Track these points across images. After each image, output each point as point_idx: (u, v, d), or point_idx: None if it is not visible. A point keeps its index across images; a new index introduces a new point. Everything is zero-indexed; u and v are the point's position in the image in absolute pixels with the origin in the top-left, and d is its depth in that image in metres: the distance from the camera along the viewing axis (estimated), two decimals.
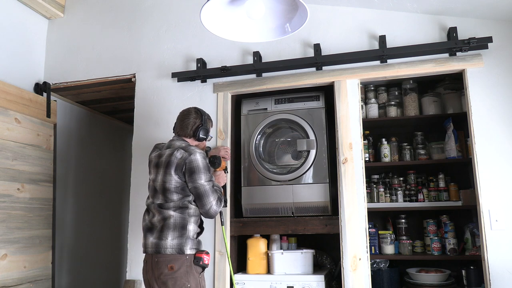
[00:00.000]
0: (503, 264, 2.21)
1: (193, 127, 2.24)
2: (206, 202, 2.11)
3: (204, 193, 2.11)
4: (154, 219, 2.14)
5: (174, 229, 2.07)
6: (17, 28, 3.01)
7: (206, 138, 2.28)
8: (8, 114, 2.79)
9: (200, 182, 2.10)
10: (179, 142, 2.21)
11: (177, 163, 2.10)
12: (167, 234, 2.06)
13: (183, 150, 2.13)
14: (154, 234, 2.10)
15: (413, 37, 2.53)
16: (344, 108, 2.56)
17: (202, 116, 2.26)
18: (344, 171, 2.49)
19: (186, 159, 2.09)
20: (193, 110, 2.29)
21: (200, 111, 2.28)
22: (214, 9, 1.63)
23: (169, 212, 2.10)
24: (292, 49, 2.72)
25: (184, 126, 2.25)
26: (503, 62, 2.40)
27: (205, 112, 2.32)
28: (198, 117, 2.25)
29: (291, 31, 1.73)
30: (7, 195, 2.73)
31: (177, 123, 2.30)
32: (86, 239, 3.69)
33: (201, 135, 2.25)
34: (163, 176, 2.12)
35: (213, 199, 2.12)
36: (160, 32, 3.02)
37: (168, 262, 2.03)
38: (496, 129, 2.35)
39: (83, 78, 3.12)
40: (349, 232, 2.42)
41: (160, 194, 2.14)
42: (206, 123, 2.28)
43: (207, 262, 2.10)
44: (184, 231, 2.08)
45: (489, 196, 2.29)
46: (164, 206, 2.13)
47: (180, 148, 2.15)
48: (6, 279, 2.66)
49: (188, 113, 2.28)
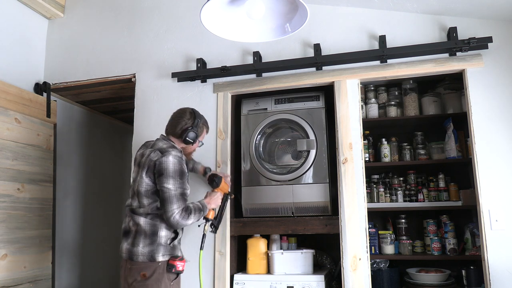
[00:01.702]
0: (503, 264, 2.21)
1: (182, 128, 2.17)
2: (168, 209, 1.99)
3: (167, 198, 2.00)
4: (130, 223, 2.10)
5: (145, 236, 2.03)
6: (17, 28, 3.01)
7: (193, 142, 2.19)
8: (8, 114, 2.79)
9: (166, 185, 1.99)
10: (162, 142, 2.15)
11: (149, 165, 2.04)
12: (138, 241, 2.02)
13: (159, 151, 2.06)
14: (129, 239, 2.07)
15: (413, 37, 2.53)
16: (344, 108, 2.56)
17: (195, 119, 2.19)
18: (344, 171, 2.49)
19: (157, 161, 2.02)
20: (188, 111, 2.22)
21: (195, 114, 2.21)
22: (214, 9, 1.63)
23: (140, 218, 2.05)
24: (292, 49, 2.72)
25: (174, 125, 2.19)
26: (503, 62, 2.40)
27: (203, 117, 2.25)
28: (191, 118, 2.18)
29: (291, 31, 1.73)
30: (7, 195, 2.73)
31: (169, 121, 2.24)
32: (86, 239, 3.69)
33: (188, 138, 2.16)
34: (138, 179, 2.08)
35: (177, 208, 1.99)
36: (160, 32, 3.02)
37: (140, 269, 1.99)
38: (496, 129, 2.35)
39: (83, 78, 3.12)
40: (349, 232, 2.42)
41: (135, 196, 2.10)
42: (198, 127, 2.20)
43: (181, 268, 2.04)
44: (155, 238, 2.03)
45: (489, 196, 2.29)
46: (135, 211, 2.08)
47: (157, 149, 2.08)
48: (6, 279, 2.66)
49: (183, 113, 2.22)
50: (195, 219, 2.06)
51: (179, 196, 2.01)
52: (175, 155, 2.04)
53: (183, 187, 2.05)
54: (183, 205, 2.02)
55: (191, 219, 2.04)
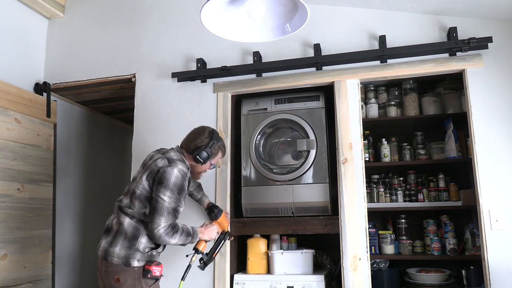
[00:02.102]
0: (503, 264, 2.21)
1: (197, 145, 2.11)
2: (155, 220, 1.91)
3: (159, 209, 1.92)
4: (114, 221, 2.05)
5: (125, 238, 1.96)
6: (17, 28, 3.01)
7: (202, 162, 2.11)
8: (8, 114, 2.79)
9: (162, 196, 1.92)
10: (174, 152, 2.10)
11: (151, 169, 2.00)
12: (117, 242, 1.96)
13: (167, 159, 2.02)
14: (108, 238, 2.01)
15: (413, 37, 2.53)
16: (344, 108, 2.56)
17: (212, 140, 2.12)
18: (344, 171, 2.49)
19: (161, 169, 1.97)
20: (207, 130, 2.17)
21: (214, 135, 2.15)
22: (214, 9, 1.63)
23: (125, 218, 2.00)
24: (292, 49, 2.72)
25: (190, 140, 2.15)
26: (503, 62, 2.40)
27: (221, 141, 2.19)
28: (208, 138, 2.12)
29: (291, 31, 1.73)
30: (7, 195, 2.73)
31: (187, 135, 2.20)
32: (86, 239, 3.69)
33: (198, 156, 2.09)
34: (138, 179, 2.04)
35: (164, 222, 1.90)
36: (160, 32, 3.02)
37: (115, 273, 1.93)
38: (496, 129, 2.35)
39: (83, 78, 3.12)
40: (349, 232, 2.42)
41: (128, 195, 2.06)
42: (212, 149, 2.12)
43: (157, 273, 1.98)
44: (134, 242, 1.96)
45: (489, 196, 2.29)
46: (123, 210, 2.03)
47: (166, 157, 2.04)
48: (6, 279, 2.66)
49: (202, 130, 2.17)
50: (179, 241, 1.96)
51: (170, 210, 1.93)
52: (181, 169, 1.98)
53: (178, 203, 1.97)
54: (171, 221, 1.94)
55: (175, 238, 1.94)
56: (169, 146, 2.79)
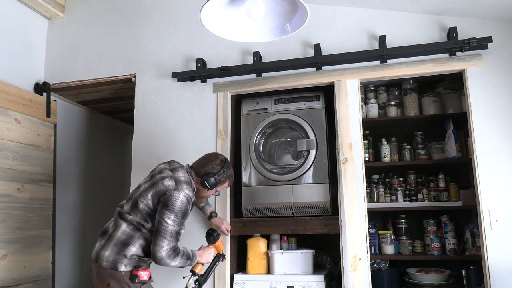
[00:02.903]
0: (503, 264, 2.21)
1: (207, 171, 2.12)
2: (158, 242, 1.93)
3: (162, 232, 1.93)
4: (111, 224, 2.08)
5: (116, 244, 1.98)
6: (17, 28, 3.01)
7: (208, 188, 2.12)
8: (8, 114, 2.79)
9: (166, 219, 1.94)
10: (183, 172, 2.09)
11: (159, 189, 2.00)
12: (108, 246, 1.99)
13: (175, 181, 2.02)
14: (102, 240, 2.04)
15: (413, 37, 2.53)
16: (344, 108, 2.56)
17: (222, 169, 2.14)
18: (344, 171, 2.49)
19: (168, 191, 1.98)
20: (220, 158, 2.19)
21: (226, 164, 2.17)
22: (214, 9, 1.63)
23: (123, 224, 2.02)
24: (292, 49, 2.72)
25: (201, 165, 2.16)
26: (503, 62, 2.40)
27: (230, 170, 2.21)
28: (219, 165, 2.14)
29: (291, 31, 1.73)
30: (7, 195, 2.73)
31: (200, 158, 2.22)
32: (86, 239, 3.69)
33: (206, 182, 2.10)
34: (143, 191, 2.05)
35: (167, 245, 1.93)
36: (160, 32, 3.02)
37: (105, 278, 1.96)
38: (496, 129, 2.35)
39: (83, 78, 3.12)
40: (349, 232, 2.42)
41: (130, 202, 2.08)
42: (221, 177, 2.14)
43: (145, 278, 1.98)
44: (124, 248, 1.98)
45: (489, 196, 2.29)
46: (122, 215, 2.05)
47: (175, 178, 2.04)
48: (6, 279, 2.66)
49: (215, 157, 2.19)
50: (180, 263, 1.99)
51: (173, 233, 1.95)
52: (186, 194, 1.99)
53: (180, 227, 1.99)
54: (173, 244, 1.96)
55: (176, 261, 1.97)
56: (169, 146, 2.82)
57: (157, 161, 2.80)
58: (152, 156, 2.84)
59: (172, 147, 2.82)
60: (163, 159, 2.80)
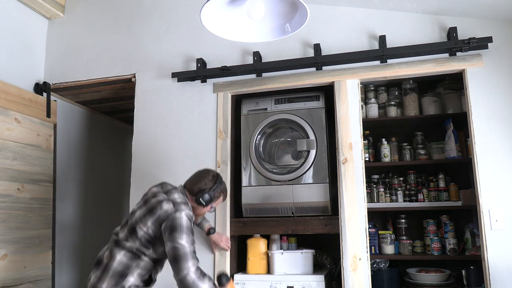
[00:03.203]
0: (503, 264, 2.21)
1: (200, 188, 2.10)
2: (184, 266, 1.84)
3: (183, 255, 1.85)
4: (106, 253, 2.01)
5: (113, 276, 1.92)
6: (17, 28, 3.01)
7: (204, 205, 2.10)
8: (8, 114, 2.79)
9: (180, 242, 1.87)
10: (178, 194, 2.06)
11: (158, 215, 1.95)
12: (104, 278, 1.91)
13: (172, 203, 1.98)
14: (97, 272, 1.97)
15: (413, 37, 2.53)
16: (344, 108, 2.56)
17: (215, 184, 2.12)
18: (344, 171, 2.49)
19: (170, 215, 1.93)
20: (211, 173, 2.16)
21: (218, 179, 2.14)
22: (214, 9, 1.63)
23: (119, 253, 1.96)
24: (292, 49, 2.73)
25: (193, 182, 2.13)
26: (503, 62, 2.40)
27: (224, 184, 2.18)
28: (211, 181, 2.12)
29: (291, 31, 1.73)
30: (7, 195, 2.73)
31: (191, 176, 2.19)
32: (86, 239, 3.69)
33: (201, 199, 2.08)
34: (140, 217, 1.99)
35: (192, 265, 1.85)
36: (160, 32, 3.02)
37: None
38: (496, 129, 2.35)
39: (83, 78, 3.12)
40: (349, 232, 2.42)
41: (126, 229, 2.02)
42: (215, 192, 2.12)
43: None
44: (121, 280, 1.92)
45: (489, 196, 2.29)
46: (118, 243, 2.00)
47: (171, 200, 2.00)
48: (6, 279, 2.66)
49: (206, 173, 2.16)
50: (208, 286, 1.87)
51: (193, 253, 1.89)
52: (188, 213, 1.97)
53: (194, 245, 1.94)
54: (197, 263, 1.89)
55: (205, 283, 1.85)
56: (169, 146, 2.82)
57: (157, 161, 2.82)
58: (152, 156, 2.84)
59: (172, 147, 2.82)
60: (163, 159, 2.81)
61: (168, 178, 2.76)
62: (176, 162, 2.78)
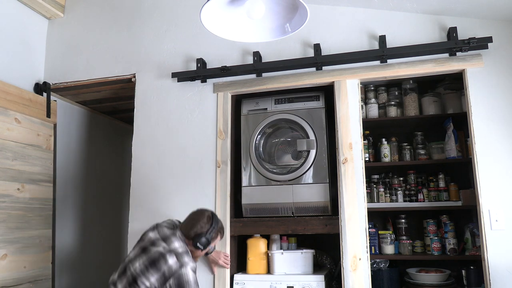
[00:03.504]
0: (503, 264, 2.21)
1: (197, 232, 2.09)
2: None
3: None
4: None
5: None
6: (17, 28, 3.01)
7: (202, 249, 2.10)
8: (8, 114, 2.79)
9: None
10: (178, 242, 2.03)
11: (163, 272, 1.93)
12: None
13: (176, 257, 1.96)
14: None
15: (413, 37, 2.53)
16: (344, 108, 2.56)
17: (211, 226, 2.11)
18: (344, 171, 2.49)
19: (176, 273, 1.93)
20: (206, 214, 2.15)
21: (213, 219, 2.14)
22: (214, 9, 1.63)
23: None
24: (292, 49, 2.72)
25: (189, 226, 2.11)
26: (503, 62, 2.40)
27: (220, 223, 2.17)
28: (207, 223, 2.11)
29: (291, 31, 1.73)
30: (7, 195, 2.73)
31: (186, 219, 2.17)
32: (86, 239, 3.69)
33: (198, 244, 2.07)
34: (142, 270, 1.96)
35: None
36: (160, 32, 3.02)
37: None
38: (496, 129, 2.35)
39: (83, 78, 3.12)
40: (349, 232, 2.42)
41: (125, 279, 1.98)
42: (212, 234, 2.12)
43: None
44: None
45: (489, 196, 2.29)
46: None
47: (174, 252, 1.98)
48: (6, 279, 2.66)
49: (201, 215, 2.14)
50: None
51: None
52: (192, 266, 1.98)
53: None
54: None
55: None
56: (169, 146, 2.81)
57: (157, 160, 2.82)
58: (152, 156, 2.84)
59: (172, 147, 2.82)
60: (163, 159, 2.81)
61: (168, 178, 2.78)
62: (176, 162, 2.78)
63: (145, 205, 2.78)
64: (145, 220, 2.73)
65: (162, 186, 2.78)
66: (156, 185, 2.79)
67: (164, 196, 2.76)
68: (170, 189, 2.76)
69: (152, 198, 2.78)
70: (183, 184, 2.74)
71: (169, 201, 2.75)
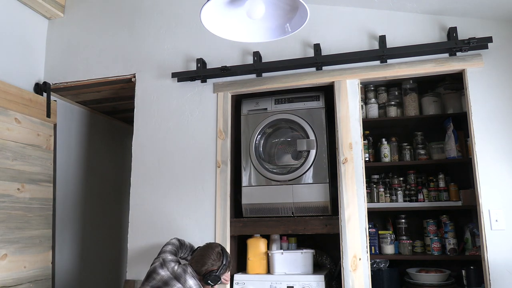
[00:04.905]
0: (503, 264, 2.21)
1: (208, 269, 2.10)
2: None
3: None
4: None
5: None
6: (17, 28, 3.01)
7: (213, 285, 2.12)
8: (8, 114, 2.79)
9: None
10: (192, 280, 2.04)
11: None
12: None
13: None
14: None
15: (413, 37, 2.53)
16: (344, 108, 2.56)
17: (222, 262, 2.13)
18: (344, 171, 2.49)
19: None
20: (216, 250, 2.16)
21: (224, 255, 2.15)
22: (214, 9, 1.63)
23: None
24: (292, 49, 2.72)
25: (200, 263, 2.12)
26: (503, 62, 2.40)
27: (229, 257, 2.19)
28: (217, 260, 2.12)
29: (291, 31, 1.73)
30: (7, 195, 2.73)
31: (196, 255, 2.18)
32: (86, 239, 3.69)
33: (209, 281, 2.09)
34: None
35: None
36: (160, 32, 3.02)
37: None
38: (496, 129, 2.35)
39: (83, 78, 3.12)
40: (349, 232, 2.42)
41: None
42: (223, 270, 2.13)
43: None
44: None
45: (489, 196, 2.29)
46: None
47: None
48: (6, 279, 2.66)
49: (211, 251, 2.16)
50: None
51: None
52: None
53: None
54: None
55: None
56: (169, 146, 2.81)
57: (157, 160, 2.82)
58: (152, 156, 2.84)
59: (172, 147, 2.82)
60: (163, 159, 2.81)
61: (168, 178, 2.77)
62: (176, 162, 2.78)
63: (145, 205, 2.78)
64: (145, 220, 2.74)
65: (162, 186, 2.78)
66: (156, 185, 2.79)
67: (164, 196, 2.76)
68: (170, 189, 2.76)
69: (152, 198, 2.79)
70: (183, 184, 2.74)
71: (169, 201, 2.75)
